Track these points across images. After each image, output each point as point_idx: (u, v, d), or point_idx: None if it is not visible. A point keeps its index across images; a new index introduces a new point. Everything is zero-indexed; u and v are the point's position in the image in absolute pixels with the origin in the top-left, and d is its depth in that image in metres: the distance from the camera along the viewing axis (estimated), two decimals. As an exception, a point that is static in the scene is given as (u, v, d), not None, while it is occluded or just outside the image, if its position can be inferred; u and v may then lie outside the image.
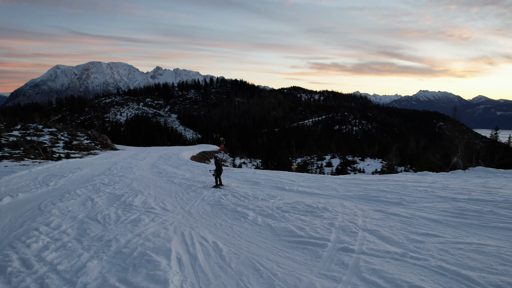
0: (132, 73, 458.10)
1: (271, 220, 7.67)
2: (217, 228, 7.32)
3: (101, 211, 8.60)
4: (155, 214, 8.28)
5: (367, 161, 58.34)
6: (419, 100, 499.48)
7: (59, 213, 8.33)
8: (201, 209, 8.99)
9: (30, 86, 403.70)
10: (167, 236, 6.56)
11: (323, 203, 9.20)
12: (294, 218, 7.82)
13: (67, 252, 5.77)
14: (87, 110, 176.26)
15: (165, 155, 35.81)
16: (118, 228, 7.02)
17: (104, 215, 8.11)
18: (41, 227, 7.04)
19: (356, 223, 7.28)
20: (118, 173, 18.58)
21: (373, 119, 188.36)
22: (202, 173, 17.95)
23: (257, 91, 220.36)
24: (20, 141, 34.64)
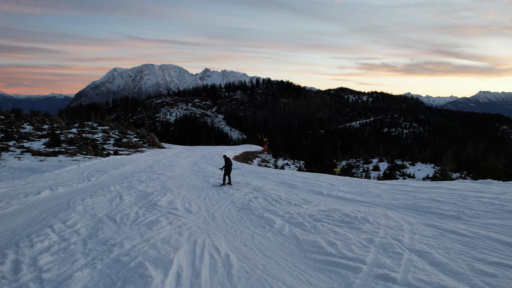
0: (182, 74, 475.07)
1: (299, 231, 6.77)
2: (236, 236, 6.61)
3: (123, 210, 8.35)
4: (175, 216, 7.84)
5: (417, 165, 54.53)
6: (479, 102, 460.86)
7: (82, 210, 8.21)
8: (227, 213, 8.41)
9: (91, 88, 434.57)
10: (176, 243, 5.98)
11: (364, 212, 8.07)
12: (327, 229, 6.82)
13: (65, 256, 5.42)
14: (139, 110, 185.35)
15: (208, 154, 35.99)
16: (130, 230, 6.66)
17: (124, 214, 7.82)
18: (57, 224, 6.89)
19: (401, 240, 6.04)
20: (158, 170, 18.67)
21: (425, 122, 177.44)
22: (240, 173, 17.43)
23: (303, 92, 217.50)
24: (76, 138, 36.70)
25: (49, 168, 18.66)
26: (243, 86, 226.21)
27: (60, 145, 30.84)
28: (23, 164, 20.25)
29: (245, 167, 21.59)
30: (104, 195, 10.19)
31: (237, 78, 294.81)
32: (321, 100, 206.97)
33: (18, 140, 31.14)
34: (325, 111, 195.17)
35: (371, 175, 45.57)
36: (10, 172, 18.18)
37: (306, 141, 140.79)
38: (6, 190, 11.12)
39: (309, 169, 35.68)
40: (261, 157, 50.84)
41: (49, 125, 38.75)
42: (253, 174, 17.14)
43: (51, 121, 46.11)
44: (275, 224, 7.17)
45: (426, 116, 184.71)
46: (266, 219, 7.65)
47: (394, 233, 6.43)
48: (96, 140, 38.92)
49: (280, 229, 6.88)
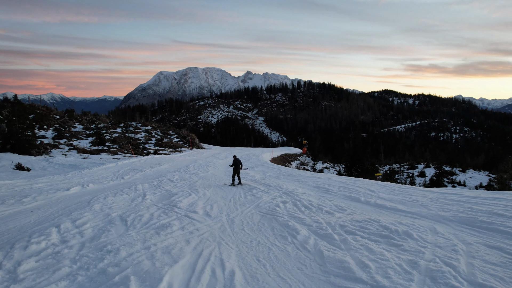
0: (224, 77, 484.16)
1: (326, 245, 5.74)
2: (251, 248, 5.73)
3: (140, 210, 7.93)
4: (190, 220, 7.23)
5: (469, 173, 50.21)
6: None
7: (99, 209, 7.93)
8: (248, 218, 7.65)
9: (138, 90, 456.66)
10: (178, 254, 5.22)
11: (406, 224, 6.81)
12: (359, 245, 5.66)
13: (51, 262, 4.88)
14: (183, 112, 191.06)
15: (246, 155, 35.65)
16: (136, 234, 6.12)
17: (138, 215, 7.36)
18: (66, 223, 6.57)
19: (456, 267, 4.58)
20: (192, 170, 18.48)
21: (478, 126, 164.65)
22: (274, 176, 16.70)
23: (345, 94, 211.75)
24: (120, 137, 38.04)
25: (89, 165, 19.18)
26: (284, 88, 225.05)
27: (104, 143, 32.04)
28: (68, 161, 21.05)
29: (281, 169, 20.81)
30: (128, 194, 9.95)
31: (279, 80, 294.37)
32: (364, 102, 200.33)
33: (69, 138, 32.81)
34: (368, 114, 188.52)
35: (416, 181, 42.67)
36: (55, 168, 18.93)
37: (347, 145, 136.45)
38: (42, 185, 11.35)
39: (349, 173, 34.09)
40: (300, 160, 49.70)
41: (97, 125, 40.52)
42: (287, 176, 16.23)
43: (99, 121, 48.38)
44: (299, 235, 6.25)
45: (479, 120, 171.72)
46: (290, 228, 6.75)
47: (445, 256, 5.04)
48: (139, 139, 40.10)
49: (303, 242, 5.96)
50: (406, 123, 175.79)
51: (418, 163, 57.11)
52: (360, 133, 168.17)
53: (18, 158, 20.46)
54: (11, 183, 11.66)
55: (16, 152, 22.28)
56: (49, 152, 24.54)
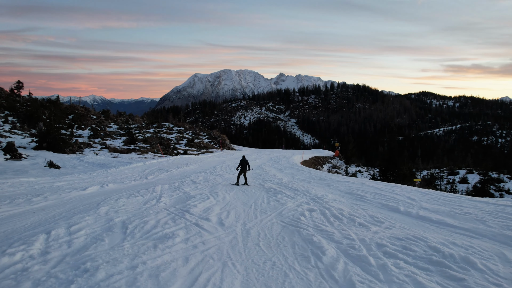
0: (257, 79, 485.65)
1: (359, 273, 4.43)
2: (262, 273, 4.51)
3: (148, 215, 7.12)
4: (199, 230, 6.22)
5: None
6: None
7: (104, 212, 7.22)
8: (267, 229, 6.53)
9: (173, 92, 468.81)
10: (167, 280, 4.10)
11: (462, 246, 5.32)
12: (404, 275, 4.30)
13: (6, 285, 3.93)
14: (215, 113, 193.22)
15: (276, 157, 34.76)
16: (130, 247, 5.17)
17: (142, 222, 6.49)
18: (59, 229, 5.82)
19: None
20: (219, 171, 17.84)
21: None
22: (303, 179, 15.64)
23: (380, 96, 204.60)
24: (152, 137, 38.43)
25: (117, 164, 19.07)
26: (317, 90, 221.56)
27: (136, 143, 32.36)
28: (98, 160, 21.15)
29: (311, 172, 19.68)
30: (143, 196, 9.29)
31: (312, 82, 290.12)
32: (400, 104, 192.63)
33: (103, 137, 33.49)
34: (405, 117, 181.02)
35: (458, 188, 39.63)
36: (84, 167, 19.00)
37: (381, 148, 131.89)
38: (63, 184, 11.08)
39: (384, 177, 32.15)
40: (332, 163, 47.96)
41: (130, 125, 41.23)
42: (317, 180, 15.06)
43: (133, 121, 49.41)
44: (325, 256, 5.00)
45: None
46: (315, 245, 5.52)
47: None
48: (170, 140, 40.33)
49: (330, 266, 4.68)
50: (445, 126, 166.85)
51: (459, 169, 53.34)
52: (396, 136, 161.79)
53: (52, 156, 20.82)
54: (35, 180, 11.51)
55: (51, 150, 22.78)
56: (82, 151, 24.95)
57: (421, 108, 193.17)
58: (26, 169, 16.15)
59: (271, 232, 6.35)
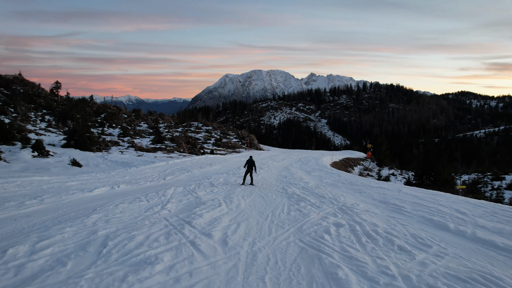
0: (287, 79, 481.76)
1: None
2: None
3: (140, 228, 5.98)
4: (193, 252, 4.94)
5: None
6: None
7: (92, 222, 6.12)
8: (279, 254, 5.10)
9: (205, 93, 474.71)
10: None
11: None
12: None
13: None
14: (246, 113, 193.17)
15: (305, 158, 33.36)
16: (93, 277, 3.93)
17: (129, 237, 5.36)
18: (22, 246, 4.66)
19: None
20: (242, 173, 16.72)
21: None
22: (331, 183, 14.19)
23: (415, 96, 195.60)
24: (180, 136, 38.21)
25: (140, 163, 18.55)
26: (348, 90, 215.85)
27: (163, 142, 32.12)
28: (122, 158, 20.79)
29: (340, 176, 18.15)
30: (149, 200, 8.27)
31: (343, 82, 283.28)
32: (436, 105, 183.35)
33: (132, 136, 33.57)
34: (441, 118, 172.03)
35: (505, 195, 36.19)
36: (107, 165, 18.63)
37: (416, 150, 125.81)
38: (74, 184, 10.45)
39: (420, 182, 29.78)
40: (364, 165, 45.69)
41: (157, 124, 41.28)
42: (346, 185, 13.57)
43: (163, 120, 49.68)
44: None
45: None
46: (340, 283, 4.07)
47: None
48: (198, 139, 39.95)
49: None
50: (487, 128, 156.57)
51: (505, 173, 49.16)
52: (432, 138, 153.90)
53: (77, 154, 20.70)
54: (48, 179, 10.98)
55: (79, 148, 22.75)
56: (108, 149, 24.84)
57: (459, 108, 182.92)
58: (48, 167, 15.92)
59: (285, 257, 4.97)
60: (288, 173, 18.56)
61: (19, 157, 17.43)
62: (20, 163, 16.35)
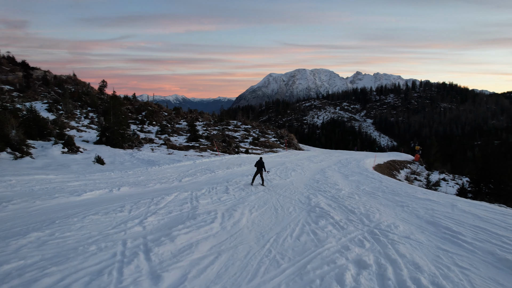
0: (332, 78, 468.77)
1: None
2: None
3: (70, 260, 4.24)
4: None
5: None
6: None
7: (16, 247, 4.49)
8: None
9: (249, 92, 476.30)
10: None
11: None
12: None
13: None
14: (288, 113, 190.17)
15: (346, 160, 30.81)
16: None
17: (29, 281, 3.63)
18: None
19: None
20: (270, 175, 15.09)
21: None
22: (369, 191, 11.83)
23: (470, 95, 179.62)
24: (217, 134, 37.30)
25: (165, 162, 17.55)
26: (396, 89, 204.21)
27: (198, 140, 31.32)
28: (150, 156, 20.00)
29: (382, 181, 15.65)
30: (131, 211, 6.66)
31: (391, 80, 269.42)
32: (496, 104, 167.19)
33: (170, 133, 33.21)
34: (502, 118, 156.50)
35: None
36: (132, 163, 17.84)
37: (471, 153, 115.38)
38: (75, 185, 9.40)
39: (477, 190, 25.90)
40: (411, 168, 41.69)
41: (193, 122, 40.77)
42: (387, 194, 11.13)
43: (203, 118, 49.33)
44: None
45: None
46: None
47: None
48: (235, 138, 38.80)
49: None
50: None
51: None
52: (491, 141, 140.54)
53: (107, 151, 20.23)
54: (52, 178, 10.09)
55: (110, 145, 22.43)
56: (141, 146, 24.35)
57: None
58: (70, 164, 15.34)
59: None
60: (323, 176, 16.49)
61: (48, 153, 17.15)
62: (46, 159, 15.97)
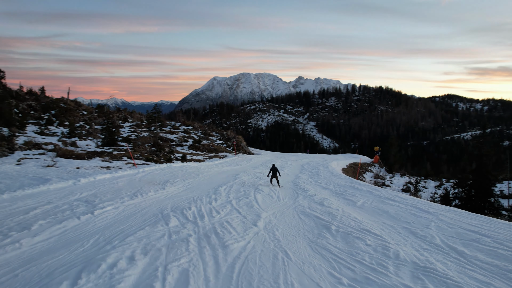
0: (275, 82, 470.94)
1: None
2: None
3: None
4: None
5: None
6: None
7: None
8: None
9: (192, 95, 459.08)
10: None
11: None
12: None
13: None
14: (233, 116, 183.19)
15: (308, 165, 24.58)
16: None
17: None
18: None
19: None
20: (218, 202, 7.86)
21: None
22: (375, 208, 5.23)
23: (403, 99, 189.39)
24: (149, 137, 28.75)
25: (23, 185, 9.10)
26: (337, 92, 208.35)
27: (116, 143, 22.64)
28: (14, 170, 11.29)
29: (372, 192, 9.10)
30: None
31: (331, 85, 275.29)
32: (424, 108, 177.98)
33: (81, 136, 23.98)
34: (429, 120, 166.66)
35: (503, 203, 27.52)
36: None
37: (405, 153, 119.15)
38: None
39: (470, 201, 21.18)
40: (372, 171, 36.94)
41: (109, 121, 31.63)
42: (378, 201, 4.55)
43: (133, 118, 39.95)
44: None
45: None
46: None
47: None
48: (172, 140, 30.59)
49: None
50: (473, 130, 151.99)
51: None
52: (420, 141, 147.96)
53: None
54: None
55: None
56: (12, 154, 15.28)
57: (446, 111, 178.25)
58: None
59: None
60: (303, 193, 9.64)
61: None
62: None
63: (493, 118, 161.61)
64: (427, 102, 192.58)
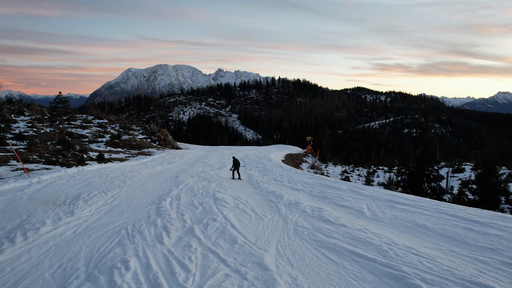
0: (195, 75, 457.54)
1: None
2: None
3: None
4: None
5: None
6: (497, 103, 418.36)
7: None
8: None
9: (105, 88, 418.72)
10: None
11: None
12: None
13: None
14: (152, 109, 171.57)
15: (248, 158, 22.24)
16: None
17: None
18: None
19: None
20: (177, 248, 4.67)
21: (447, 123, 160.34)
22: None
23: (320, 91, 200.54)
24: (53, 132, 23.02)
25: None
26: (258, 85, 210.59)
27: (4, 142, 17.03)
28: None
29: (345, 188, 7.18)
30: None
31: (251, 78, 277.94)
32: (338, 99, 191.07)
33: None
34: (343, 111, 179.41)
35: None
36: None
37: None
38: None
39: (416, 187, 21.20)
40: (308, 162, 36.36)
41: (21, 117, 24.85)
42: None
43: (32, 112, 32.46)
44: None
45: (448, 117, 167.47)
46: None
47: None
48: (84, 136, 25.18)
49: None
50: (380, 119, 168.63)
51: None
52: (336, 130, 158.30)
53: None
54: None
55: None
56: None
57: (357, 102, 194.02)
58: None
59: None
60: (278, 200, 7.17)
61: None
62: None
63: (395, 108, 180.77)
64: (341, 94, 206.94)
